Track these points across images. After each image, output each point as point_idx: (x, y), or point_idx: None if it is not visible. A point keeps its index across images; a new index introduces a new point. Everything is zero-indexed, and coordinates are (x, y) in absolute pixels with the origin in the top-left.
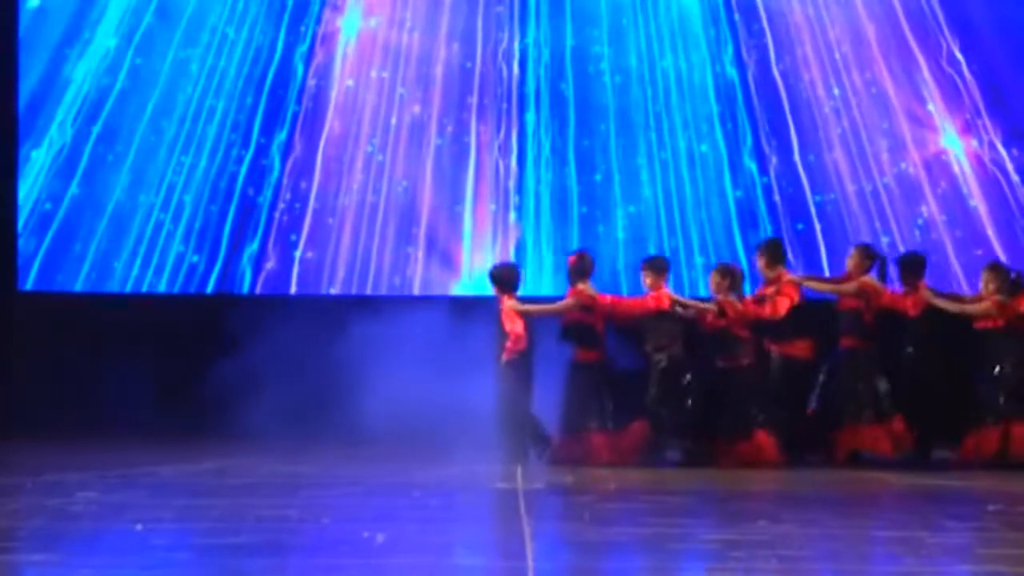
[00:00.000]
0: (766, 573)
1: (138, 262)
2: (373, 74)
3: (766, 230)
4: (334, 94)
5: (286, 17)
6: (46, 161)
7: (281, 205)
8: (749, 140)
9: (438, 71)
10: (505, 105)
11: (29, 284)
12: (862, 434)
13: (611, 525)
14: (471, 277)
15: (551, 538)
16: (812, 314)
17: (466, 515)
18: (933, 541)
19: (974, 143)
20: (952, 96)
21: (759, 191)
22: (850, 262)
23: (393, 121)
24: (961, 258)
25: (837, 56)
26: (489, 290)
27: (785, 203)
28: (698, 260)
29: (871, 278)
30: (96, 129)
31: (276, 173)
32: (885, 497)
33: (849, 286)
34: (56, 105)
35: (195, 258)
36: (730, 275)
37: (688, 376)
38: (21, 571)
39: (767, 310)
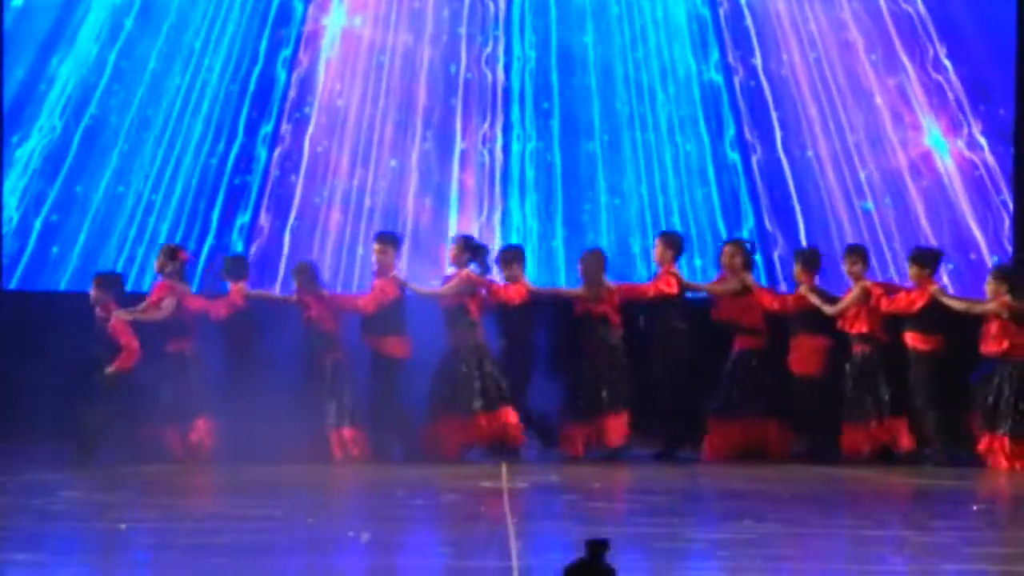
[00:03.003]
0: (751, 572)
1: (123, 259)
2: (359, 69)
3: (747, 215)
4: (319, 90)
5: (271, 16)
6: (31, 160)
7: (266, 200)
8: (735, 141)
9: (423, 68)
10: (489, 110)
11: (13, 283)
12: (467, 426)
13: (597, 524)
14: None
15: (536, 537)
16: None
17: (451, 514)
18: (919, 540)
19: (959, 143)
20: (937, 94)
21: (741, 181)
22: (451, 255)
23: (378, 116)
24: (940, 243)
25: (820, 49)
26: None
27: (767, 192)
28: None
29: (470, 271)
30: (81, 127)
31: (262, 167)
32: (870, 496)
33: (449, 285)
34: (40, 104)
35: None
36: (306, 272)
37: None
38: (4, 571)
39: (358, 303)
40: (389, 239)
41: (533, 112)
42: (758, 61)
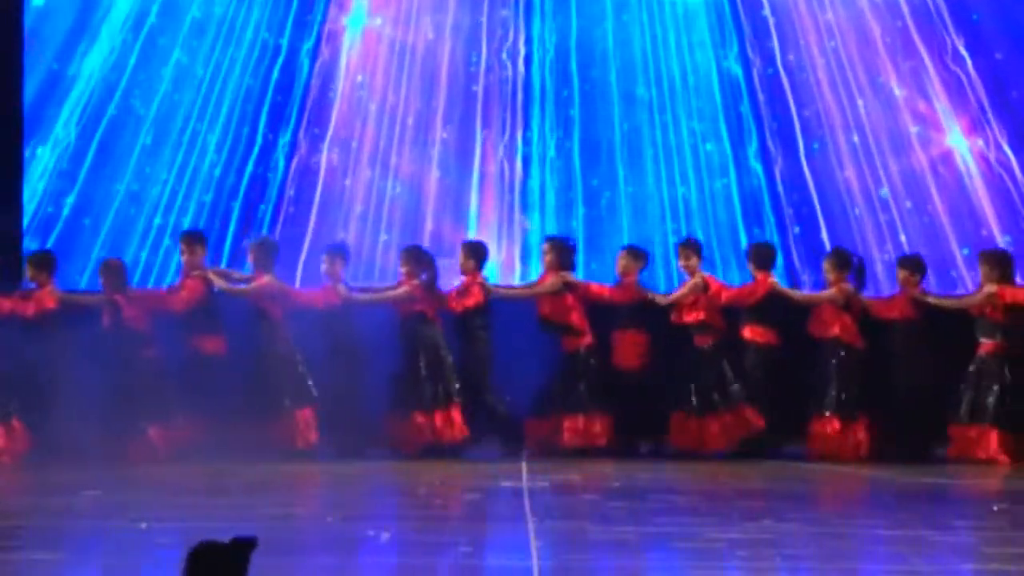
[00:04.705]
0: (770, 572)
1: (143, 258)
2: (379, 70)
3: (769, 222)
4: (339, 91)
5: (291, 15)
6: (51, 159)
7: (287, 201)
8: (754, 134)
9: (443, 67)
10: (509, 102)
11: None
12: (277, 426)
13: (616, 523)
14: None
15: (556, 536)
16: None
17: (471, 513)
18: (939, 540)
19: (980, 142)
20: (956, 90)
21: (763, 184)
22: (250, 257)
23: (399, 116)
24: (962, 244)
25: (838, 44)
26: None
27: (788, 195)
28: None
29: (271, 277)
30: (101, 128)
31: (281, 171)
32: (889, 496)
33: (251, 287)
34: (61, 104)
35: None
36: (115, 272)
37: None
38: (25, 569)
39: (167, 302)
40: (194, 237)
41: (553, 102)
42: (776, 51)
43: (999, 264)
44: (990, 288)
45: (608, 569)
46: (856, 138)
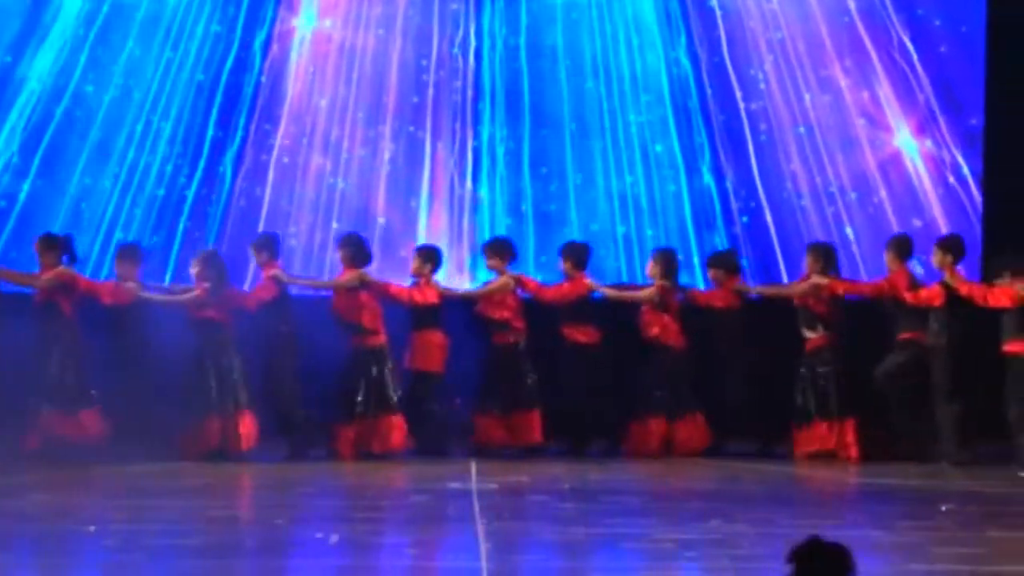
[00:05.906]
0: (719, 572)
1: (95, 252)
2: (329, 68)
3: (718, 224)
4: (290, 88)
5: (241, 17)
6: (1, 155)
7: (238, 194)
8: (702, 128)
9: (393, 62)
10: (459, 96)
11: None
12: (53, 425)
13: (565, 525)
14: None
15: (505, 538)
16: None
17: (419, 515)
18: (887, 540)
19: (928, 143)
20: (902, 82)
21: (713, 187)
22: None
23: (349, 111)
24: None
25: (785, 36)
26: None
27: (736, 189)
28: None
29: (64, 268)
30: (52, 123)
31: (229, 176)
32: (839, 496)
33: (43, 277)
34: (12, 99)
35: (154, 239)
36: None
37: None
38: None
39: None
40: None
41: (504, 100)
42: (723, 45)
43: (824, 256)
44: (818, 279)
45: (558, 570)
46: (803, 130)
